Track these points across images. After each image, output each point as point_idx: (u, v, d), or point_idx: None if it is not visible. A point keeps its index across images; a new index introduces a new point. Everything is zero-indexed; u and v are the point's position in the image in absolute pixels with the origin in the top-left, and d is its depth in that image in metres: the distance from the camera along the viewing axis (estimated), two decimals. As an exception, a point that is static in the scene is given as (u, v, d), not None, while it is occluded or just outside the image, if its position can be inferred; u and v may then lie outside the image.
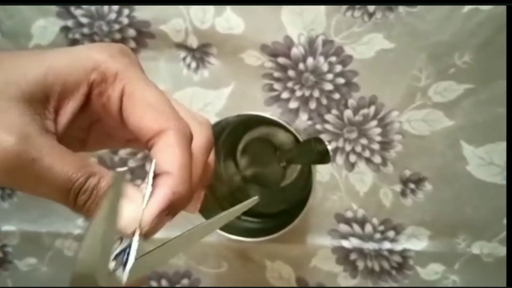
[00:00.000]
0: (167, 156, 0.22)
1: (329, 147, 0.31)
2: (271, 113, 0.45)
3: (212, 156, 0.26)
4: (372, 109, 0.44)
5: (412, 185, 0.45)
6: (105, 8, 0.45)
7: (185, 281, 0.50)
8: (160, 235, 0.22)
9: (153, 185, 0.21)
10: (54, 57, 0.22)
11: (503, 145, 0.44)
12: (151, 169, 0.21)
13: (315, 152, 0.33)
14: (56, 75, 0.22)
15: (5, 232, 0.52)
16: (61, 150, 0.21)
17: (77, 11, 0.45)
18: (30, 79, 0.21)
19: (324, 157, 0.32)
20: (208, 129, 0.26)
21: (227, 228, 0.41)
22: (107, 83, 0.23)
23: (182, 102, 0.47)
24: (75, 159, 0.21)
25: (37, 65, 0.22)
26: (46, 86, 0.21)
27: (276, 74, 0.45)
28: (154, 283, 0.51)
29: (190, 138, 0.23)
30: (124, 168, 0.18)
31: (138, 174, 0.49)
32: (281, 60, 0.45)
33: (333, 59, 0.44)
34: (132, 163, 0.49)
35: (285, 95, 0.46)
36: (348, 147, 0.45)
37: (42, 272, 0.53)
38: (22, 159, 0.19)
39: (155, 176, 0.21)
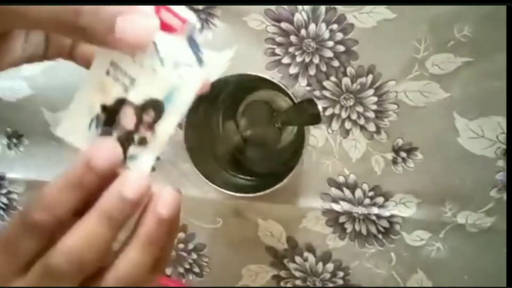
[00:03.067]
0: None
1: (320, 109, 0.33)
2: (272, 77, 0.46)
3: None
4: (369, 78, 0.45)
5: (403, 154, 0.46)
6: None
7: (181, 235, 0.52)
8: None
9: None
10: None
11: (496, 119, 0.44)
12: None
13: (307, 113, 0.35)
14: None
15: (10, 180, 0.54)
16: None
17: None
18: None
19: (315, 119, 0.33)
20: None
21: (222, 184, 0.43)
22: None
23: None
24: None
25: None
26: None
27: (278, 39, 0.46)
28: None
29: None
30: None
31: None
32: (284, 25, 0.46)
33: (334, 26, 0.45)
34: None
35: (286, 60, 0.47)
36: (344, 114, 0.47)
37: (45, 219, 0.55)
38: None
39: None
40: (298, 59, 0.46)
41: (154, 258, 0.24)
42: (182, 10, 0.23)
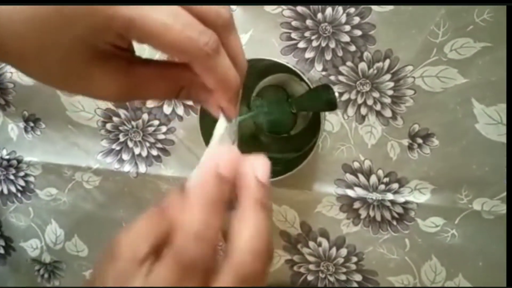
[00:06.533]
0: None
1: (337, 95, 0.32)
2: (287, 61, 0.46)
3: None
4: (386, 63, 0.45)
5: (419, 140, 0.46)
6: None
7: (195, 219, 0.52)
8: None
9: None
10: None
11: (514, 106, 0.44)
12: None
13: (322, 99, 0.34)
14: None
15: (28, 162, 0.55)
16: None
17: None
18: None
19: (331, 105, 0.33)
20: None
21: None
22: None
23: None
24: None
25: None
26: None
27: (294, 23, 0.46)
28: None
29: None
30: None
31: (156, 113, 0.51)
32: (300, 9, 0.45)
33: (351, 10, 0.44)
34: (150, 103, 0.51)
35: (302, 44, 0.46)
36: (360, 100, 0.46)
37: (61, 202, 0.56)
38: None
39: None
40: (314, 43, 0.46)
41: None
42: None
